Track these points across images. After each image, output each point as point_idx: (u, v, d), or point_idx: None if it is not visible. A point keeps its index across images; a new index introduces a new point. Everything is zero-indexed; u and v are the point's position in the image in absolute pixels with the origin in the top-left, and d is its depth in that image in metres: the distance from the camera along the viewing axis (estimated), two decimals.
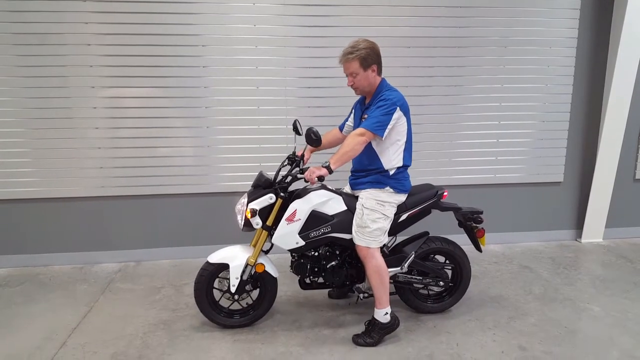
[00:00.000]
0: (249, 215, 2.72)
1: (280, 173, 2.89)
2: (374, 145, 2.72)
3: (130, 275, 3.90)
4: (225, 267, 2.85)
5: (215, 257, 2.85)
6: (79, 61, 3.86)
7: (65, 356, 2.69)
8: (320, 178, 2.55)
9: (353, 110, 3.05)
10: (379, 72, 2.75)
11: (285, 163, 2.95)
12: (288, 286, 3.57)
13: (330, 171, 2.57)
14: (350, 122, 3.08)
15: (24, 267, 4.09)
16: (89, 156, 4.00)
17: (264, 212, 2.78)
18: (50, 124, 3.92)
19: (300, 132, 2.90)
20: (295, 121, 2.91)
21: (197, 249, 4.23)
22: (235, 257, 2.84)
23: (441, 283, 3.07)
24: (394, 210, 2.80)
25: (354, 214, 2.79)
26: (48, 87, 3.87)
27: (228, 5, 3.92)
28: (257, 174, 2.93)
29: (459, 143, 4.42)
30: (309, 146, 2.76)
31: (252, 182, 2.90)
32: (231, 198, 4.16)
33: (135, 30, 3.87)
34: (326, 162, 2.59)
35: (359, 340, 2.79)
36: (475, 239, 3.10)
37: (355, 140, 2.59)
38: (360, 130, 2.61)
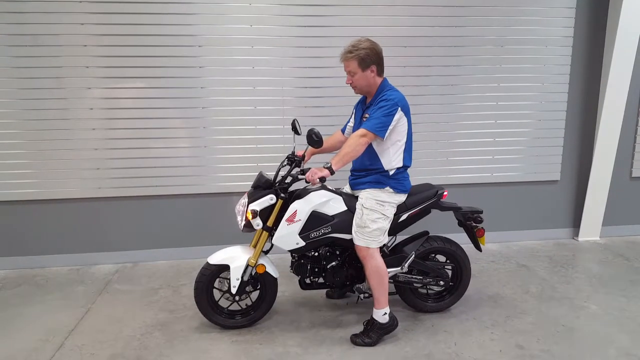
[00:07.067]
0: (250, 217, 2.71)
1: (279, 173, 2.88)
2: (374, 145, 2.72)
3: (128, 277, 3.88)
4: (225, 268, 2.84)
5: (216, 258, 2.84)
6: (75, 62, 3.84)
7: (63, 358, 2.67)
8: (322, 179, 2.54)
9: (354, 111, 3.04)
10: (380, 73, 2.75)
11: (285, 163, 2.94)
12: (286, 286, 3.57)
13: (332, 172, 2.56)
14: (351, 124, 3.07)
15: (20, 269, 4.06)
16: (86, 157, 3.98)
17: (265, 213, 2.77)
18: (46, 125, 3.89)
19: (299, 132, 2.90)
20: (294, 120, 2.91)
21: (195, 250, 4.22)
22: (235, 258, 2.83)
23: (441, 282, 3.08)
24: (393, 210, 2.81)
25: (354, 214, 2.78)
26: (44, 88, 3.84)
27: (224, 5, 3.91)
28: (256, 174, 2.92)
29: (456, 142, 4.43)
30: (310, 147, 2.75)
31: (250, 183, 2.89)
32: (229, 198, 4.16)
33: (131, 31, 3.85)
34: (328, 163, 2.58)
35: (357, 340, 2.79)
36: (475, 238, 3.11)
37: (357, 142, 2.59)
38: (361, 131, 2.61)
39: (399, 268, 2.92)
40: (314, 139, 2.58)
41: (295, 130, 2.90)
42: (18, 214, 4.02)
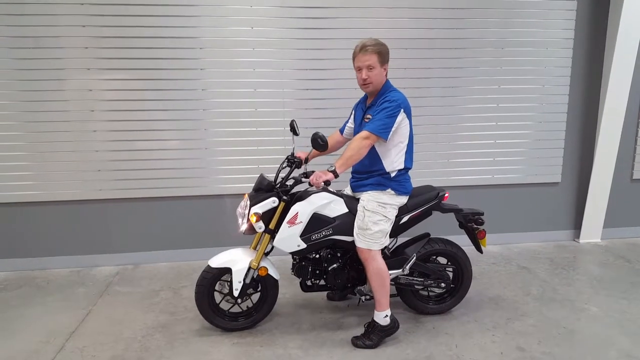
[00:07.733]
0: (254, 220, 2.70)
1: (279, 175, 2.88)
2: (376, 147, 2.71)
3: (129, 278, 3.88)
4: (227, 271, 2.84)
5: (217, 261, 2.83)
6: (76, 64, 3.85)
7: None
8: (327, 182, 2.53)
9: (353, 112, 3.03)
10: (386, 73, 2.76)
11: (285, 165, 2.94)
12: (287, 288, 3.57)
13: (336, 175, 2.56)
14: (350, 124, 3.06)
15: (21, 270, 4.06)
16: (87, 159, 3.98)
17: (267, 216, 2.77)
18: (47, 127, 3.90)
19: (297, 133, 2.89)
20: (292, 121, 2.90)
21: (196, 252, 4.23)
22: (237, 261, 2.83)
23: (442, 285, 3.08)
24: (395, 212, 2.80)
25: (355, 216, 2.78)
26: (45, 90, 3.85)
27: (225, 7, 3.92)
28: (257, 176, 2.91)
29: (456, 144, 4.43)
30: (314, 150, 2.75)
31: (251, 184, 2.89)
32: (230, 200, 4.16)
33: (132, 33, 3.86)
34: (332, 166, 2.57)
35: (358, 343, 2.79)
36: (476, 240, 3.11)
37: (360, 144, 2.59)
38: (365, 133, 2.60)
39: (400, 270, 2.92)
40: (319, 143, 2.57)
41: (293, 131, 2.89)
42: (19, 215, 4.02)
